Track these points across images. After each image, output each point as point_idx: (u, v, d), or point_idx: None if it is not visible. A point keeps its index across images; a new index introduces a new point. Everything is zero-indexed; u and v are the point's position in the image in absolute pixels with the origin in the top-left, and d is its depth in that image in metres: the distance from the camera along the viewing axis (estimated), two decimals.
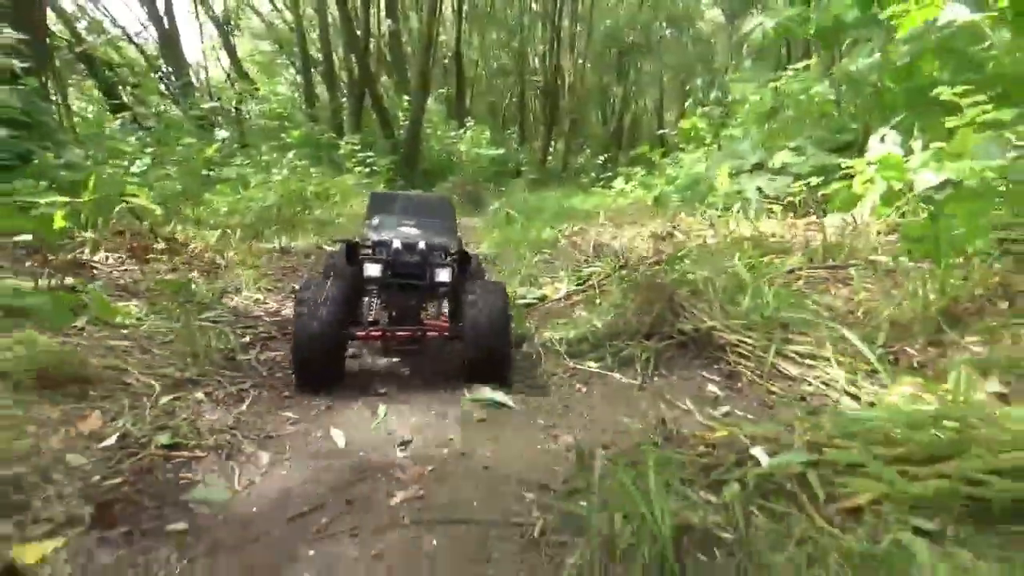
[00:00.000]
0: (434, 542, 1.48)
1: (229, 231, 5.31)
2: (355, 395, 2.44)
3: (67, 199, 3.87)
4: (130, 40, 16.59)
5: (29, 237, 3.71)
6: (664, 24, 28.95)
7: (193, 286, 3.62)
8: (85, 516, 1.49)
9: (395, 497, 1.67)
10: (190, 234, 5.12)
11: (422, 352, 2.82)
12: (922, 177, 4.49)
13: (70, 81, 11.58)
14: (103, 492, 1.60)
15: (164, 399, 2.14)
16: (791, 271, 3.44)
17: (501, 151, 19.13)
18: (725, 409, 2.08)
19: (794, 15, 6.79)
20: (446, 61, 24.44)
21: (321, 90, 19.26)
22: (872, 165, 5.23)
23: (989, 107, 4.35)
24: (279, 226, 6.39)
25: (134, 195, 4.96)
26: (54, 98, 8.57)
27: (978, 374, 1.85)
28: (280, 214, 6.65)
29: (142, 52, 16.65)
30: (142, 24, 16.38)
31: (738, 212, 5.90)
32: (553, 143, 25.71)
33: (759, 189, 6.53)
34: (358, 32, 16.62)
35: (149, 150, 7.33)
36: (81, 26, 13.78)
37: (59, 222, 3.63)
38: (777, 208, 5.76)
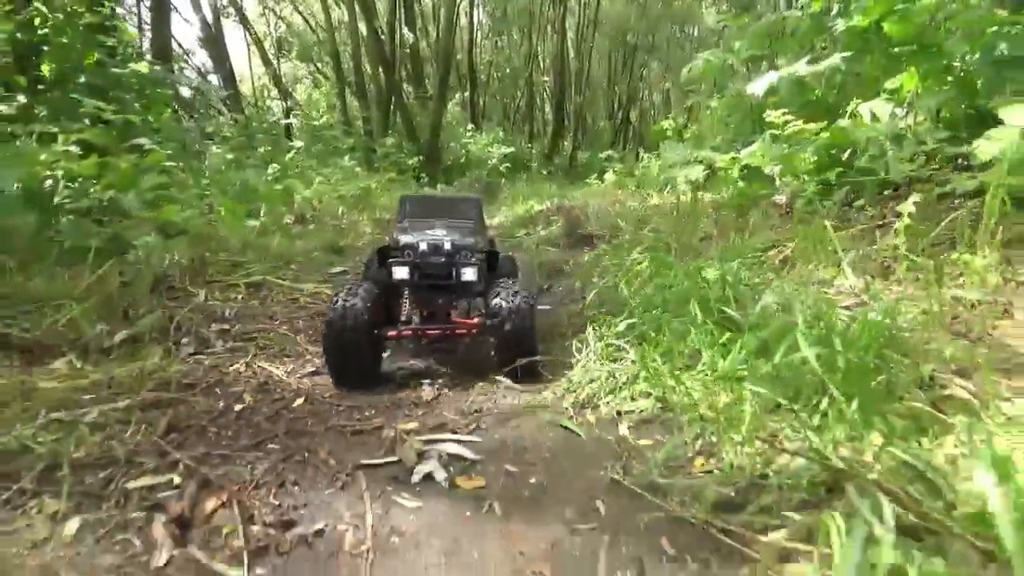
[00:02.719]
0: None
1: (341, 208, 9.24)
2: None
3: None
4: (186, 61, 20.76)
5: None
6: (670, 25, 32.84)
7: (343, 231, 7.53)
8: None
9: None
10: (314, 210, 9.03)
11: (453, 349, 3.20)
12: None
13: None
14: None
15: None
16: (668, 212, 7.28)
17: (512, 149, 22.99)
18: (592, 255, 5.91)
19: (710, 55, 10.59)
20: (463, 72, 28.45)
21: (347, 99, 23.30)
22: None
23: (798, 122, 8.11)
24: (359, 207, 10.29)
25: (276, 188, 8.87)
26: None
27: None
28: (358, 200, 10.56)
29: (199, 72, 20.85)
30: (200, 41, 20.47)
31: (666, 190, 9.72)
32: (562, 140, 29.58)
33: (686, 177, 10.31)
34: (386, 48, 20.61)
35: (234, 156, 11.25)
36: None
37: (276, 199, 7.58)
38: (687, 187, 9.54)
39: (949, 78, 5.92)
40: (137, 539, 1.61)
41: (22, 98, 6.65)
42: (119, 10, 10.14)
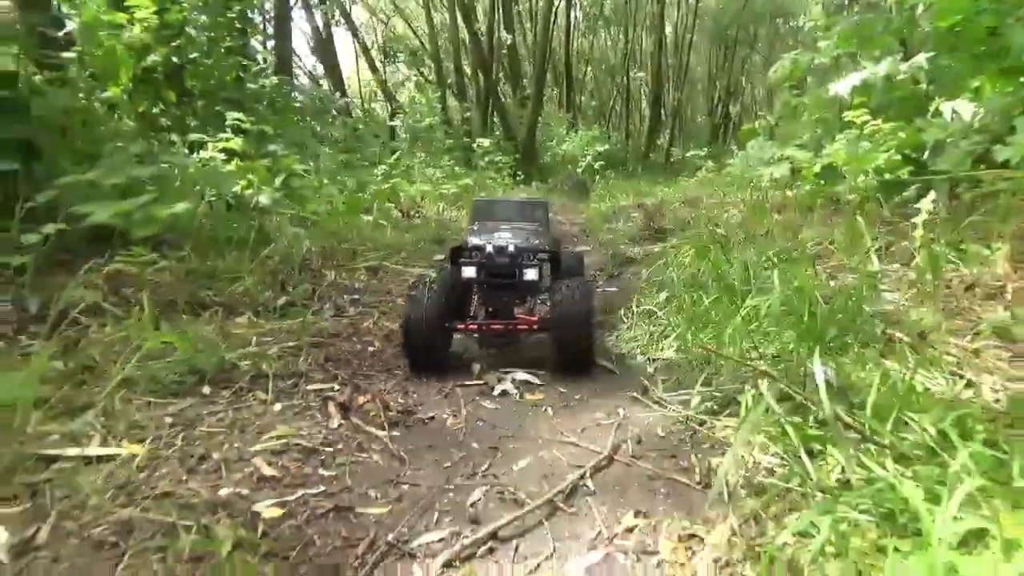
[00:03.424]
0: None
1: (441, 204, 10.33)
2: None
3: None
4: (299, 67, 22.68)
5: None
6: (770, 19, 32.53)
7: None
8: None
9: None
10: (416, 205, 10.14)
11: (514, 342, 3.50)
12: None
13: None
14: None
15: None
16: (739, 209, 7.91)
17: (606, 147, 23.63)
18: (661, 247, 6.65)
19: (797, 55, 11.00)
20: (560, 71, 29.36)
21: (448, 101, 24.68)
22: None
23: (877, 122, 8.52)
24: (458, 204, 11.36)
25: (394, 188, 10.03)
26: None
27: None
28: (457, 197, 11.65)
29: (310, 76, 22.72)
30: (311, 48, 22.31)
31: (750, 188, 10.26)
32: (658, 137, 29.98)
33: (771, 174, 10.79)
34: (484, 50, 21.77)
35: (342, 157, 12.57)
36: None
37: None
38: (770, 184, 10.04)
39: (1022, 79, 6.19)
40: (318, 414, 2.60)
41: (175, 111, 7.99)
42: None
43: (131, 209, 3.82)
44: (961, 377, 2.54)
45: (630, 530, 1.87)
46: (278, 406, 2.66)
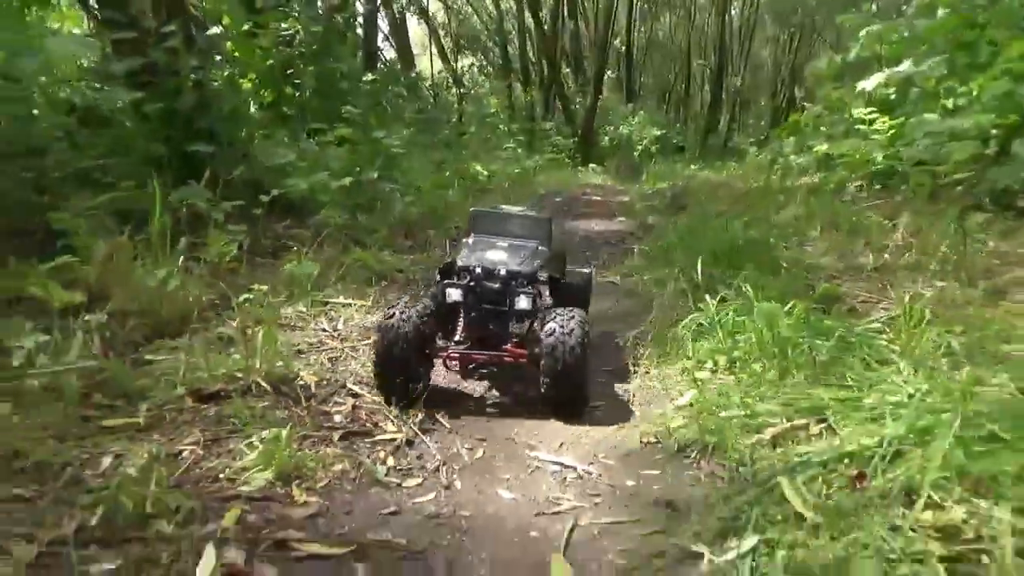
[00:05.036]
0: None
1: (507, 183, 12.63)
2: None
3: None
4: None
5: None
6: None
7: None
8: None
9: None
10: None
11: (499, 374, 3.51)
12: None
13: None
14: None
15: None
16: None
17: (663, 131, 25.49)
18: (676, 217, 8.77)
19: (830, 58, 12.86)
20: (620, 49, 31.24)
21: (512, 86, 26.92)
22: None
23: (885, 119, 10.39)
24: (520, 184, 13.62)
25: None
26: None
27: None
28: (520, 177, 13.91)
29: (385, 64, 25.24)
30: (387, 37, 24.79)
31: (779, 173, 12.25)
32: (717, 122, 31.57)
33: (799, 163, 12.73)
34: (547, 36, 23.90)
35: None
36: None
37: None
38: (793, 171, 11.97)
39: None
40: None
41: (296, 104, 10.32)
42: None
43: (318, 181, 6.20)
44: (809, 284, 4.68)
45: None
46: (423, 291, 4.99)
